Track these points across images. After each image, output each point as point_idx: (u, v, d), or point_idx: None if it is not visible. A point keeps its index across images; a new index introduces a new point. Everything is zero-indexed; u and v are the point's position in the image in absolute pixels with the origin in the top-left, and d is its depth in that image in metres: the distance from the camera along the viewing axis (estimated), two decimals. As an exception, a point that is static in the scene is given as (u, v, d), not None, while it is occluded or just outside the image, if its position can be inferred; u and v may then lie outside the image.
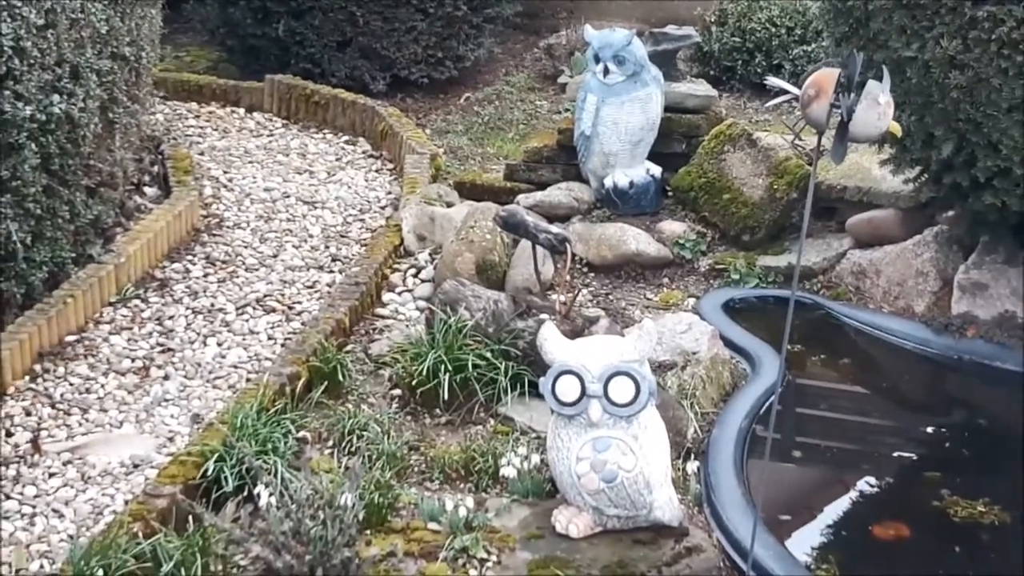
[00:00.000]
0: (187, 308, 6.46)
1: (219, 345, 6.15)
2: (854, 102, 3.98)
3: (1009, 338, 6.22)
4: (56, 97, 5.90)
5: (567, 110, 9.20)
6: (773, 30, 10.13)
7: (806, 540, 4.97)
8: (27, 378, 5.67)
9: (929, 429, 6.01)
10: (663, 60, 7.77)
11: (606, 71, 7.32)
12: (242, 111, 9.62)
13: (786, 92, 4.21)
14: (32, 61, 5.69)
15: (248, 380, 5.79)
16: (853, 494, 5.39)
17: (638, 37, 7.47)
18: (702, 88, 8.06)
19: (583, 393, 4.58)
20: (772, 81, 4.37)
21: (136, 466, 5.13)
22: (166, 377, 5.84)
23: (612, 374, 4.57)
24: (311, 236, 7.44)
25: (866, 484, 5.49)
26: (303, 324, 6.27)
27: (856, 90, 4.02)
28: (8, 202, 5.64)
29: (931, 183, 6.43)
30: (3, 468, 5.06)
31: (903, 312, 6.62)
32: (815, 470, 5.68)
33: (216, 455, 4.85)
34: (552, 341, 4.74)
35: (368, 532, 4.66)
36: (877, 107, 3.99)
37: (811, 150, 7.15)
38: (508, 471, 4.98)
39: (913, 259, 6.69)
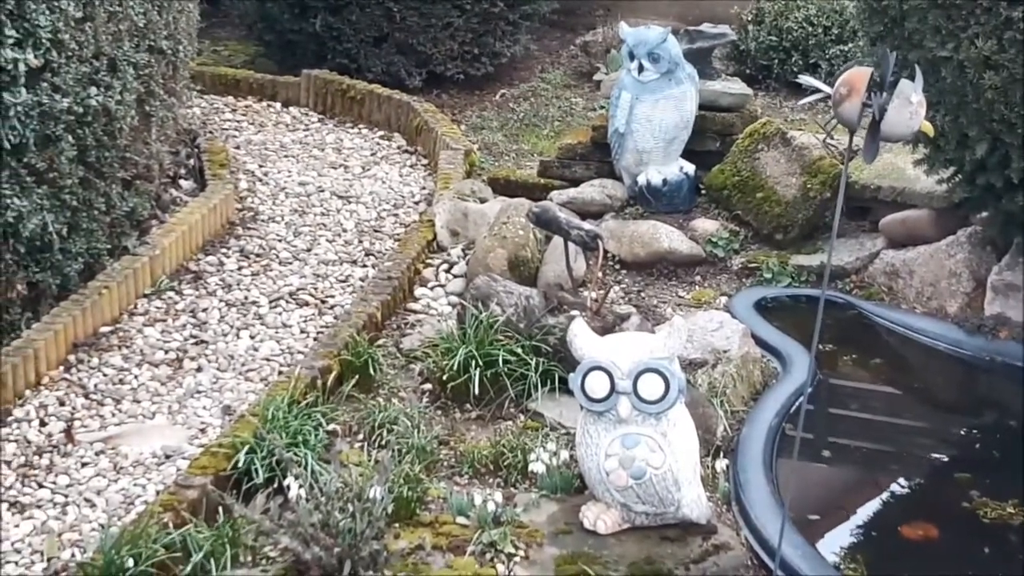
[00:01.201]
0: (221, 301, 6.50)
1: (252, 338, 6.19)
2: (886, 101, 3.97)
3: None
4: (93, 90, 5.96)
5: (602, 107, 9.20)
6: (810, 29, 10.12)
7: (834, 539, 4.96)
8: (61, 368, 5.72)
9: (960, 430, 5.98)
10: (698, 58, 7.77)
11: (641, 68, 7.32)
12: (278, 105, 9.68)
13: (818, 91, 4.21)
14: (70, 53, 5.75)
15: (280, 373, 5.82)
16: (883, 494, 5.38)
17: (673, 35, 7.47)
18: (737, 86, 8.05)
19: (612, 389, 4.58)
20: (805, 79, 4.36)
21: (168, 457, 5.17)
22: (199, 369, 5.88)
23: (641, 371, 4.56)
24: (345, 230, 7.47)
25: (896, 484, 5.48)
26: (335, 318, 6.30)
27: (889, 89, 4.01)
28: (45, 193, 5.70)
29: (965, 184, 6.41)
30: (37, 457, 5.11)
31: (935, 313, 6.61)
32: (845, 470, 5.66)
33: (247, 447, 4.88)
34: (582, 337, 4.74)
35: (397, 525, 4.67)
36: (909, 106, 3.98)
37: (843, 149, 7.13)
38: (537, 466, 5.00)
39: (946, 260, 6.67)
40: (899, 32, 6.18)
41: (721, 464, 5.18)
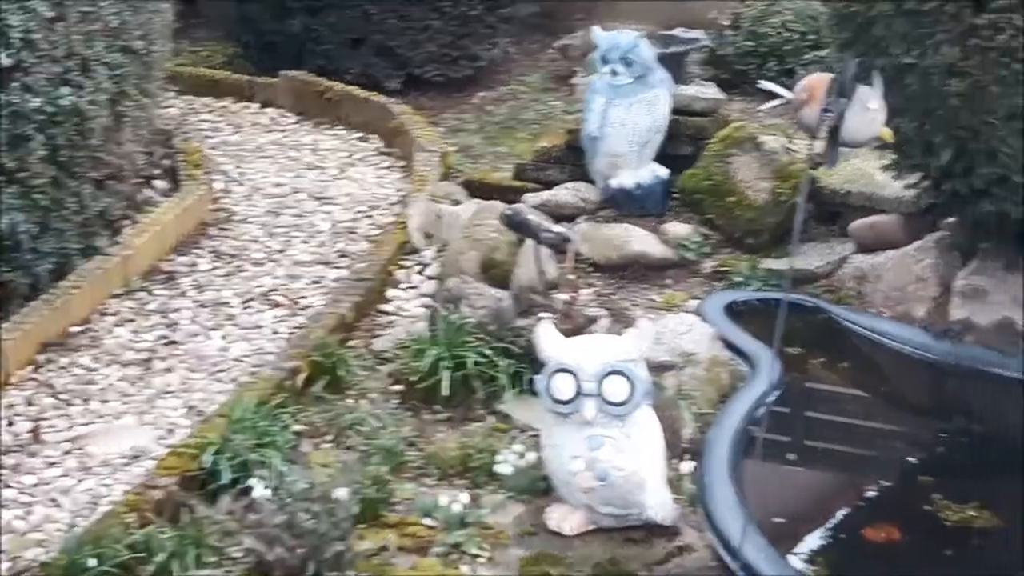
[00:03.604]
0: (193, 301, 6.51)
1: (223, 338, 6.19)
2: (845, 107, 4.01)
3: (1007, 344, 6.24)
4: (65, 89, 5.97)
5: (579, 111, 9.22)
6: (786, 35, 10.12)
7: (798, 541, 4.99)
8: (30, 368, 5.73)
9: (925, 434, 6.03)
10: (672, 63, 7.78)
11: (613, 72, 7.35)
12: (256, 106, 9.67)
13: (780, 96, 4.25)
14: (41, 53, 5.77)
15: (251, 374, 5.82)
16: (847, 497, 5.44)
17: (647, 39, 7.50)
18: (710, 91, 8.08)
19: (578, 391, 4.60)
20: (764, 84, 4.41)
21: (135, 457, 5.17)
22: (169, 369, 5.88)
23: (607, 373, 4.59)
24: (319, 232, 7.47)
25: (860, 487, 5.54)
26: (307, 319, 6.31)
27: (849, 95, 4.05)
28: (15, 193, 5.71)
29: (931, 189, 6.44)
30: (3, 457, 5.11)
31: (903, 317, 6.62)
32: (810, 472, 5.70)
33: (214, 448, 4.89)
34: (547, 339, 4.77)
35: (362, 526, 4.68)
36: (868, 112, 4.03)
37: (807, 154, 7.18)
38: (504, 468, 5.03)
39: (914, 264, 6.69)
40: (866, 38, 6.19)
41: (687, 466, 5.20)
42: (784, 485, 5.49)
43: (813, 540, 5.04)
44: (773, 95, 4.38)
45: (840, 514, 5.28)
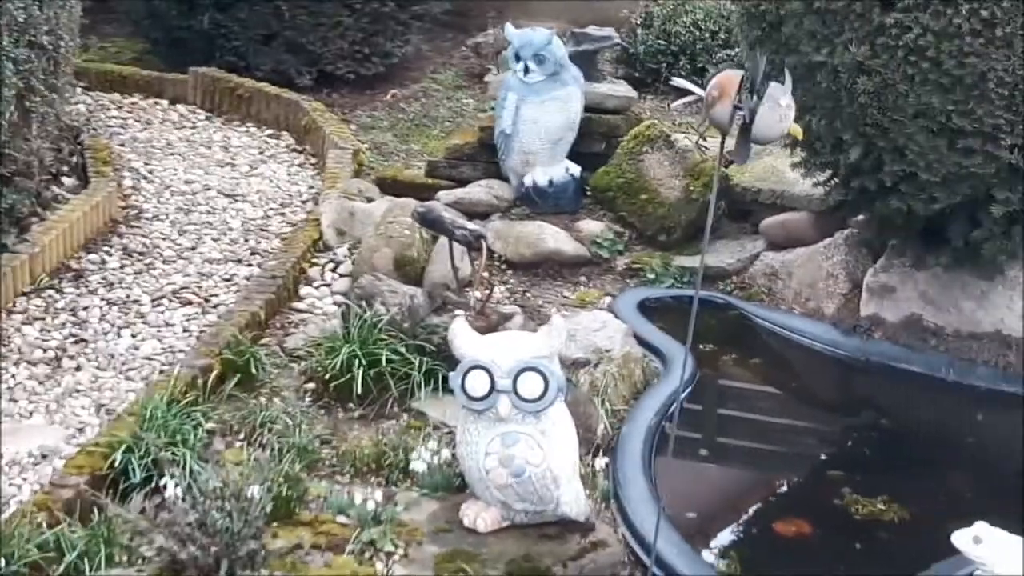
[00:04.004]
0: (102, 299, 6.43)
1: (133, 337, 6.13)
2: (756, 104, 4.04)
3: (915, 340, 6.34)
4: (-30, 85, 5.89)
5: (492, 108, 9.23)
6: (697, 33, 10.20)
7: (710, 536, 5.04)
8: (-65, 367, 5.65)
9: (835, 429, 6.11)
10: (584, 60, 7.83)
11: (526, 70, 7.39)
12: (165, 103, 9.58)
13: (691, 93, 4.27)
14: (-55, 48, 5.67)
15: (161, 372, 5.76)
16: (758, 492, 5.49)
17: (559, 37, 7.54)
18: (622, 89, 8.14)
19: (492, 388, 4.60)
20: (677, 82, 4.43)
21: (44, 456, 5.10)
22: (78, 368, 5.81)
23: (521, 370, 4.59)
24: (231, 229, 7.42)
25: (772, 482, 5.60)
26: (219, 317, 6.26)
27: (759, 92, 4.08)
28: (-81, 189, 5.62)
29: (840, 187, 6.53)
30: (-92, 456, 5.04)
31: (813, 313, 6.71)
32: (723, 468, 5.76)
33: (124, 446, 4.83)
34: (462, 336, 4.77)
35: (276, 524, 4.64)
36: (779, 109, 4.06)
37: (716, 151, 7.24)
38: (418, 465, 5.01)
39: (824, 261, 6.78)
40: (776, 37, 6.26)
41: (601, 462, 5.22)
42: (697, 480, 5.54)
43: (725, 535, 5.10)
44: (685, 92, 4.37)
45: (752, 509, 5.33)
